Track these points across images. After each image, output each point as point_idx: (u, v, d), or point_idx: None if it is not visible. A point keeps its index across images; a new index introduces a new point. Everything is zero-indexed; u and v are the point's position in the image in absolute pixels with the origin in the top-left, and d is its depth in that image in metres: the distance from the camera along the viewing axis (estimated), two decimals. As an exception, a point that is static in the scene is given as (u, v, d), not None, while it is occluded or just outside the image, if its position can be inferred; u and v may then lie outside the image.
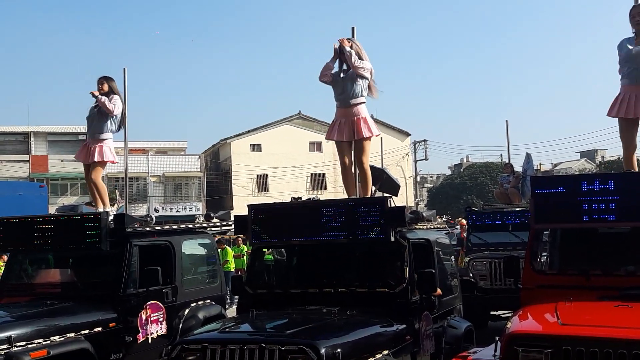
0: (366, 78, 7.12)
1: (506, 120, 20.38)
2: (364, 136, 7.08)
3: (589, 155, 71.64)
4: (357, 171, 7.26)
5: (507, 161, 17.26)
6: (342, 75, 7.24)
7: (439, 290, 6.71)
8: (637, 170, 6.57)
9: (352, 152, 7.28)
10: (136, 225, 7.67)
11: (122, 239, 7.32)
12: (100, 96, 8.12)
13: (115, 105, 8.12)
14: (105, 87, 8.23)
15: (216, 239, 11.11)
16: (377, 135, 7.23)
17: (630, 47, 6.46)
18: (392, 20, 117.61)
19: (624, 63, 6.54)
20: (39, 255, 7.97)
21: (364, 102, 7.21)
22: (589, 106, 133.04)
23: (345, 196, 7.26)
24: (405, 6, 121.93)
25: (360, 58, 7.11)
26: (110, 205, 8.54)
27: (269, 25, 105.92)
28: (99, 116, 8.19)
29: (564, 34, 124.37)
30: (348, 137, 7.13)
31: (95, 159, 8.10)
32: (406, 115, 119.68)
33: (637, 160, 6.90)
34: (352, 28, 7.53)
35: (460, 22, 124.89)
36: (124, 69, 8.92)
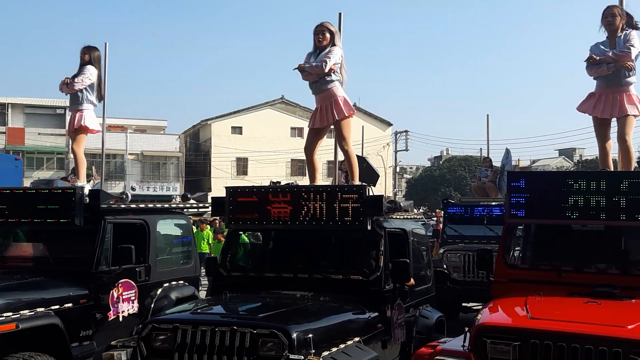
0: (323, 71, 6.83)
1: (487, 115, 20.67)
2: (337, 118, 6.88)
3: (567, 153, 72.44)
4: (343, 156, 7.19)
5: (486, 156, 17.39)
6: (313, 64, 6.88)
7: (412, 280, 6.75)
8: (612, 169, 6.65)
9: (317, 140, 7.16)
10: (111, 202, 7.60)
11: (96, 215, 7.24)
12: (71, 83, 8.07)
13: (82, 80, 8.09)
14: (87, 58, 8.16)
15: (197, 219, 11.05)
16: (348, 116, 6.93)
17: (605, 48, 6.52)
18: (377, 9, 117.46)
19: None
20: (11, 228, 7.86)
21: (337, 81, 6.95)
22: (569, 105, 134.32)
23: (325, 183, 7.24)
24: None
25: (334, 43, 6.89)
26: (87, 181, 8.46)
27: (255, 9, 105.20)
28: (66, 87, 8.18)
29: (547, 33, 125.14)
30: (325, 122, 7.01)
31: (75, 127, 8.11)
32: (389, 105, 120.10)
33: (613, 160, 6.99)
34: (339, 14, 7.50)
35: (445, 16, 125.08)
36: (105, 43, 8.84)
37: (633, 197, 5.44)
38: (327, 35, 6.89)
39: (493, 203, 12.26)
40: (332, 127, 7.13)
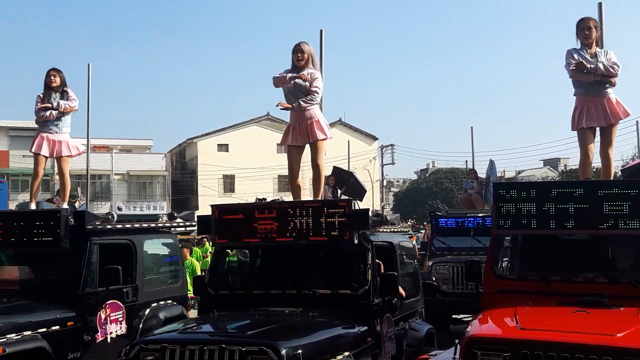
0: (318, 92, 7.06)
1: (471, 127, 20.82)
2: (318, 139, 7.05)
3: (551, 163, 72.87)
4: (312, 172, 7.23)
5: (471, 167, 17.48)
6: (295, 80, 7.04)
7: (402, 292, 6.74)
8: (591, 178, 6.71)
9: (298, 159, 7.22)
10: (97, 223, 7.54)
11: (82, 236, 7.19)
12: (63, 105, 8.03)
13: (75, 100, 8.07)
14: (58, 81, 8.11)
15: (181, 245, 10.90)
16: (329, 138, 7.16)
17: (589, 58, 6.57)
18: (361, 24, 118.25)
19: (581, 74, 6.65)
20: (-4, 251, 7.78)
21: (317, 104, 7.14)
22: (552, 115, 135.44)
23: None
24: (376, 12, 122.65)
25: (312, 62, 7.08)
26: (72, 202, 8.41)
27: (239, 26, 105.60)
28: (58, 112, 8.10)
29: (531, 45, 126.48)
30: (302, 141, 7.11)
31: (65, 153, 8.11)
32: (374, 119, 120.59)
33: (594, 170, 7.05)
34: (321, 31, 7.55)
35: (428, 31, 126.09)
36: (89, 64, 8.87)
37: (618, 205, 5.47)
38: (305, 55, 7.04)
39: (480, 214, 12.30)
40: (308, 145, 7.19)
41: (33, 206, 7.88)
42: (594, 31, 6.64)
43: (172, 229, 9.16)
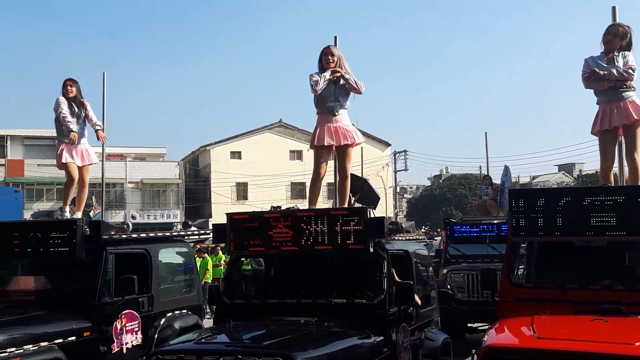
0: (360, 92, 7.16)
1: (485, 133, 20.71)
2: (355, 141, 7.10)
3: (566, 168, 72.42)
4: (338, 178, 7.23)
5: (485, 173, 17.40)
6: (333, 86, 7.05)
7: (418, 300, 6.71)
8: (612, 184, 6.64)
9: (328, 162, 7.24)
10: (112, 233, 7.57)
11: (98, 246, 7.21)
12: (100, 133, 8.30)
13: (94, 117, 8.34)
14: (74, 91, 8.19)
15: (196, 248, 11.00)
16: (363, 142, 7.26)
17: (603, 64, 6.54)
18: (374, 31, 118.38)
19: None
20: (13, 262, 7.83)
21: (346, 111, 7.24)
22: (567, 120, 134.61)
23: (325, 206, 7.25)
24: (390, 19, 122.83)
25: (340, 66, 7.09)
26: (87, 211, 8.46)
27: (252, 33, 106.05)
28: (81, 122, 8.27)
29: (543, 48, 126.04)
30: (337, 141, 7.06)
31: (89, 162, 8.30)
32: (387, 125, 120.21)
33: (614, 175, 6.98)
34: (335, 37, 7.53)
35: (443, 38, 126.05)
36: (104, 73, 8.94)
37: (635, 212, 5.43)
38: (335, 58, 7.07)
39: (495, 221, 12.23)
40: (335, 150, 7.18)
41: (68, 214, 7.97)
42: (617, 40, 6.57)
43: (187, 237, 9.18)
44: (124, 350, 7.23)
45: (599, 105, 6.72)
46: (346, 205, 7.11)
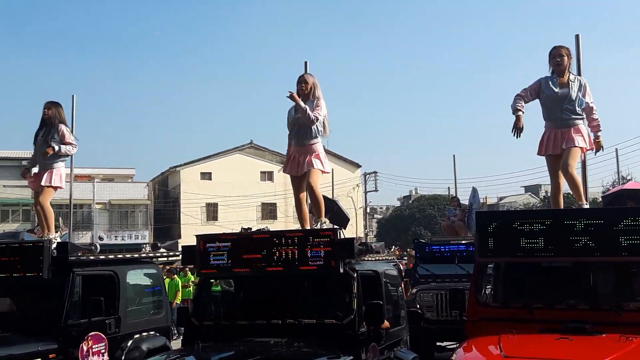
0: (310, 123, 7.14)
1: (453, 155, 20.93)
2: (321, 170, 7.14)
3: (533, 189, 73.38)
4: (308, 196, 7.27)
5: (454, 195, 17.60)
6: (297, 115, 7.15)
7: (386, 323, 6.74)
8: (562, 206, 6.79)
9: (302, 186, 7.30)
10: (80, 254, 7.49)
11: (65, 268, 7.13)
12: (62, 149, 8.01)
13: (74, 147, 8.12)
14: (49, 113, 8.06)
15: (166, 268, 10.92)
16: (327, 172, 7.28)
17: (556, 89, 6.70)
18: (343, 53, 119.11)
19: (550, 104, 6.78)
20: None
21: (319, 141, 7.25)
22: (532, 142, 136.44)
23: (297, 226, 7.26)
24: (357, 41, 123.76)
25: (314, 95, 7.16)
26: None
27: (222, 54, 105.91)
28: (45, 145, 8.04)
29: (510, 76, 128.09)
30: (302, 171, 7.15)
31: (45, 183, 7.97)
32: (357, 147, 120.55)
33: (564, 195, 7.12)
34: (305, 62, 7.63)
35: (410, 60, 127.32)
36: (73, 96, 8.88)
37: (597, 233, 5.56)
38: (309, 85, 7.17)
39: (463, 242, 12.35)
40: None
41: (54, 236, 7.81)
42: (566, 59, 6.76)
43: (155, 259, 9.11)
44: (91, 373, 7.12)
45: (546, 128, 6.89)
46: (323, 216, 7.09)
